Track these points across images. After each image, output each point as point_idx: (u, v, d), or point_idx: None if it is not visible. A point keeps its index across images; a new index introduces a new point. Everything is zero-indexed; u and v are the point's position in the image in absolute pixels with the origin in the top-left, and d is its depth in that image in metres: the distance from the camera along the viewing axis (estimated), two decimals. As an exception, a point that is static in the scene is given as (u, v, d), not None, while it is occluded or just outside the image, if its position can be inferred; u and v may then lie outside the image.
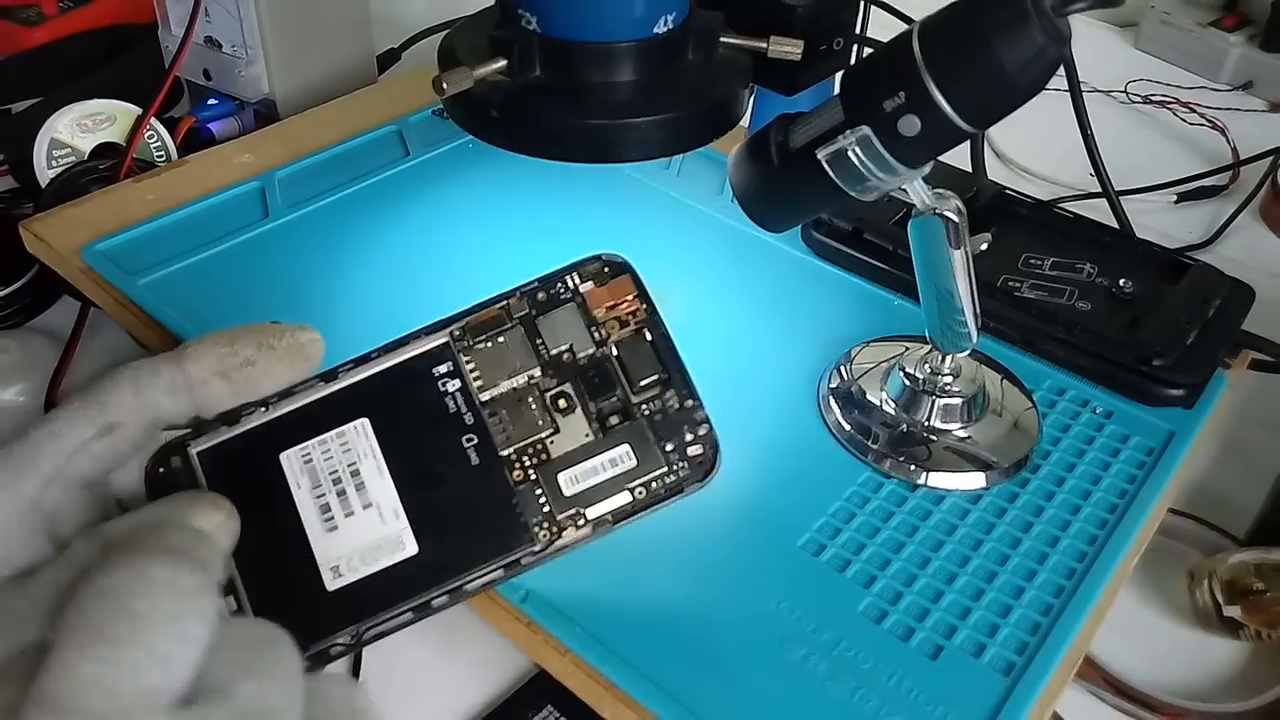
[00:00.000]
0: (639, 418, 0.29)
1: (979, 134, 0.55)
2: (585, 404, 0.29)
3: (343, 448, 0.28)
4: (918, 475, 0.36)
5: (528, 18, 0.35)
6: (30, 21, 0.66)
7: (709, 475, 0.29)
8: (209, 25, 0.57)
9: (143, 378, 0.27)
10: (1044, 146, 0.68)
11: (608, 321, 0.30)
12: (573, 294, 0.31)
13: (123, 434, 0.26)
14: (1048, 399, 0.40)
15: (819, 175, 0.31)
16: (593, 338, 0.30)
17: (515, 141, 0.36)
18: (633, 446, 0.29)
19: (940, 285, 0.35)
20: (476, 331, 0.30)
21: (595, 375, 0.29)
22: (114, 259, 0.45)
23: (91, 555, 0.23)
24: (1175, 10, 0.82)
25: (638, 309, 0.31)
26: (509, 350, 0.30)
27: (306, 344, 0.28)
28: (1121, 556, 0.34)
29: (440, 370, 0.29)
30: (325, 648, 0.25)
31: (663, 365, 0.30)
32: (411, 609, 0.26)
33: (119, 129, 0.54)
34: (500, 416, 0.29)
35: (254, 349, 0.28)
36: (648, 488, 0.29)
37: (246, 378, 0.27)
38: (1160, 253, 0.46)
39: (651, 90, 0.36)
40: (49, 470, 0.25)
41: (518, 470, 0.28)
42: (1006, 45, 0.27)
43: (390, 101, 0.56)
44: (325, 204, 0.49)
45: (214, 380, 0.27)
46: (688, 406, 0.29)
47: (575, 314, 0.30)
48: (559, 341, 0.30)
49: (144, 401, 0.26)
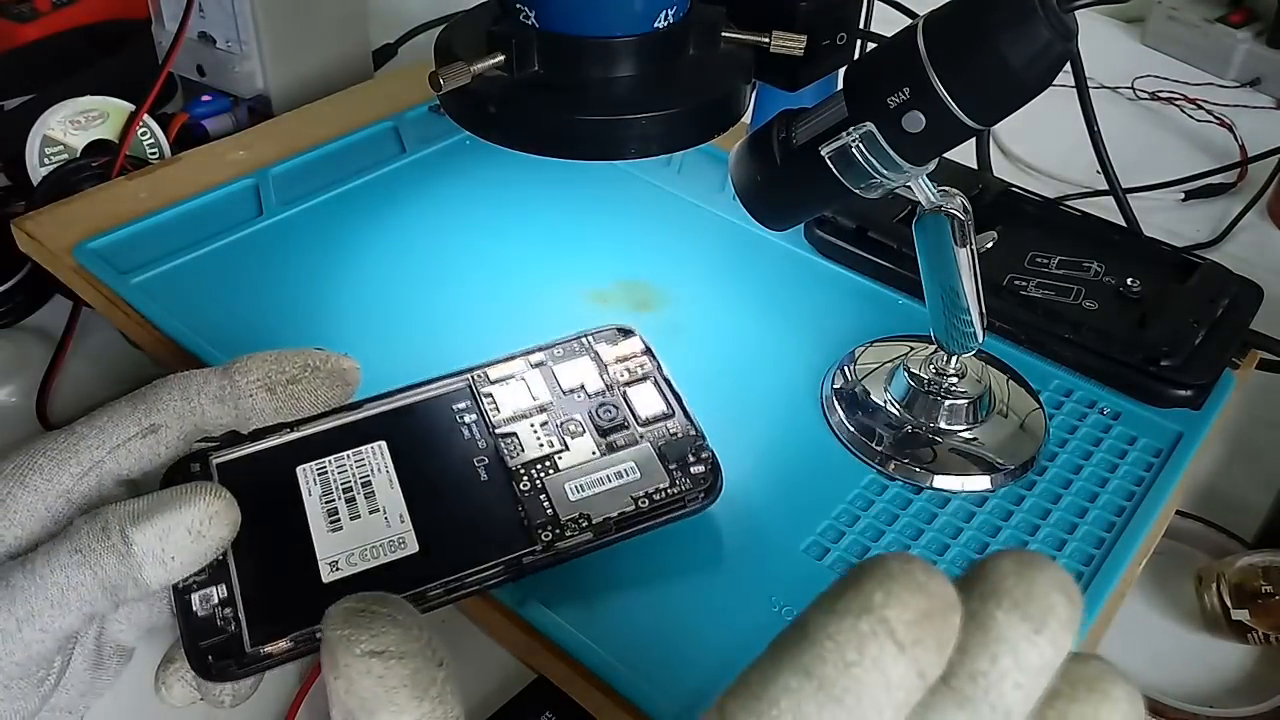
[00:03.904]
0: (644, 441, 0.31)
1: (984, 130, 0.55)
2: (594, 429, 0.32)
3: (358, 463, 0.30)
4: (923, 477, 0.36)
5: (526, 12, 0.35)
6: (22, 18, 0.65)
7: (711, 494, 0.31)
8: (203, 20, 0.56)
9: (193, 384, 0.29)
10: (1050, 143, 0.67)
11: (618, 371, 0.33)
12: (587, 349, 0.34)
13: (164, 436, 0.28)
14: (1054, 400, 0.40)
15: (822, 172, 0.31)
16: (603, 380, 0.33)
17: (513, 138, 0.36)
18: (637, 462, 0.31)
19: (945, 284, 0.34)
20: (497, 376, 0.33)
21: (605, 407, 0.32)
22: (106, 258, 0.44)
23: (92, 533, 0.24)
24: (1182, 6, 0.82)
25: (646, 363, 0.34)
26: (526, 387, 0.33)
27: (348, 370, 0.31)
28: (1129, 559, 0.34)
29: (459, 406, 0.32)
30: (312, 632, 0.26)
31: (668, 405, 0.33)
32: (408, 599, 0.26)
33: (112, 126, 0.53)
34: (513, 439, 0.31)
35: (299, 369, 0.30)
36: (650, 498, 0.30)
37: (290, 394, 0.30)
38: (1168, 251, 0.45)
39: (652, 86, 0.36)
40: (88, 462, 0.26)
41: (525, 481, 0.30)
42: (1012, 41, 0.27)
43: (386, 98, 0.56)
44: (320, 201, 0.48)
45: (260, 393, 0.29)
46: (691, 435, 0.32)
47: (589, 363, 0.34)
48: (572, 382, 0.33)
49: (190, 407, 0.28)
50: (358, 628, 0.21)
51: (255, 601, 0.26)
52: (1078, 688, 0.17)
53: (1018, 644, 0.16)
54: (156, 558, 0.24)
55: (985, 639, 0.16)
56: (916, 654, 0.16)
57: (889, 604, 0.16)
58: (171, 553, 0.24)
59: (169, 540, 0.24)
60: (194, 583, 0.26)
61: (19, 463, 0.26)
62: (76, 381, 0.49)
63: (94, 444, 0.27)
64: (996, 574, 0.17)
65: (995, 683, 0.16)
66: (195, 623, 0.26)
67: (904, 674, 0.16)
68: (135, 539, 0.24)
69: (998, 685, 0.16)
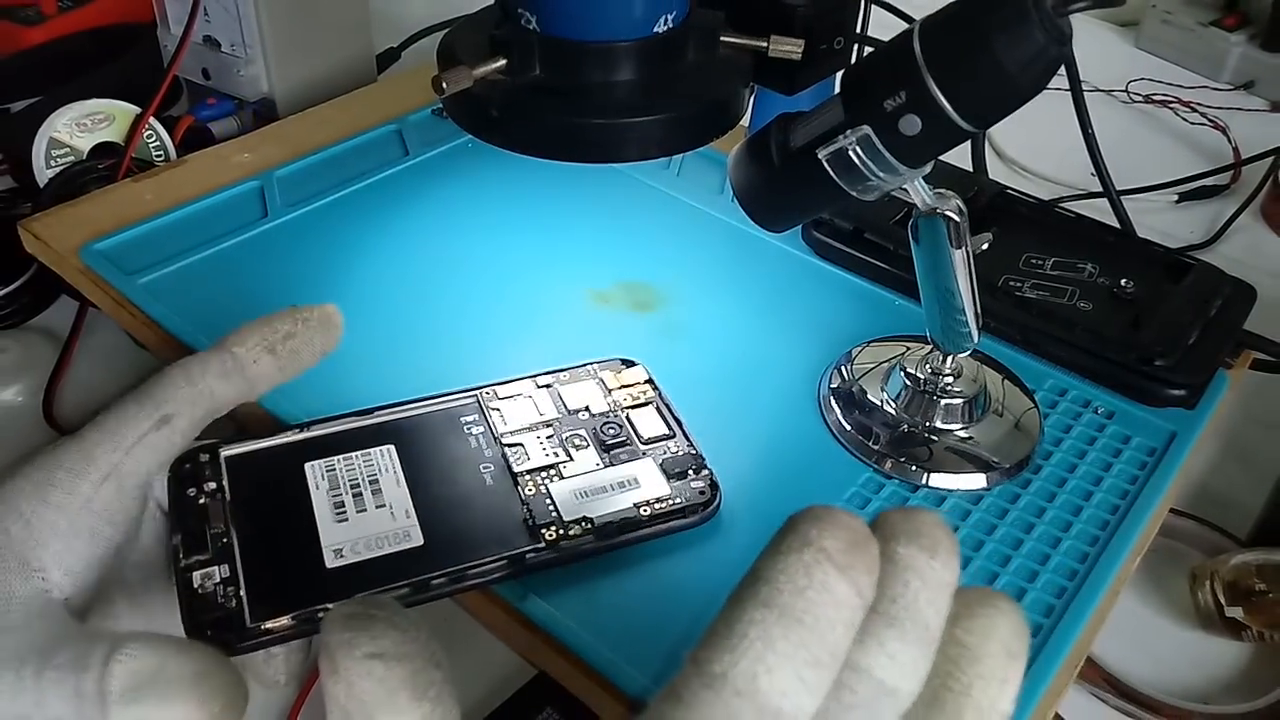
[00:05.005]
0: (646, 457, 0.32)
1: (980, 133, 0.55)
2: (598, 443, 0.33)
3: (366, 463, 0.31)
4: (919, 476, 0.36)
5: (527, 17, 0.35)
6: (29, 21, 0.66)
7: (709, 508, 0.32)
8: (208, 24, 0.57)
9: (194, 369, 0.28)
10: (1045, 146, 0.68)
11: (621, 396, 0.35)
12: (592, 375, 0.36)
13: (178, 425, 0.28)
14: (1049, 399, 0.40)
15: (819, 175, 0.31)
16: (607, 404, 0.34)
17: (515, 141, 0.36)
18: (639, 474, 0.32)
19: (941, 285, 0.34)
20: (505, 394, 0.34)
21: (608, 426, 0.34)
22: (112, 259, 0.44)
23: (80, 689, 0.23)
24: (1176, 10, 0.82)
25: (648, 390, 0.35)
26: (533, 404, 0.34)
27: (333, 314, 0.31)
28: (1123, 557, 0.34)
29: (467, 419, 0.33)
30: (313, 610, 0.27)
31: (669, 428, 0.34)
32: (410, 586, 0.28)
33: (118, 128, 0.54)
34: (519, 448, 0.32)
35: (291, 324, 0.30)
36: (651, 506, 0.31)
37: (290, 350, 0.30)
38: (1162, 252, 0.46)
39: (651, 90, 0.36)
40: (105, 468, 0.26)
41: (530, 485, 0.31)
42: (1008, 44, 0.27)
43: (390, 101, 0.56)
44: (324, 204, 0.49)
45: (263, 357, 0.29)
46: (691, 455, 0.33)
47: (594, 386, 0.35)
48: (577, 403, 0.34)
49: (198, 391, 0.28)
50: (357, 631, 0.21)
51: (257, 581, 0.27)
52: (972, 607, 0.21)
53: (920, 568, 0.20)
54: None
55: (895, 569, 0.20)
56: (853, 576, 0.19)
57: (824, 536, 0.19)
58: None
59: None
60: (196, 562, 0.27)
61: (36, 480, 0.26)
62: (83, 382, 0.49)
63: (109, 448, 0.26)
64: (890, 522, 0.20)
65: (911, 601, 0.19)
66: (196, 599, 0.26)
67: (847, 592, 0.19)
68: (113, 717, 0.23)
69: (914, 602, 0.19)
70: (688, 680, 0.19)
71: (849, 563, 0.19)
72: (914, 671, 0.19)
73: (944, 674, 0.20)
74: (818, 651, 0.18)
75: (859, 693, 0.19)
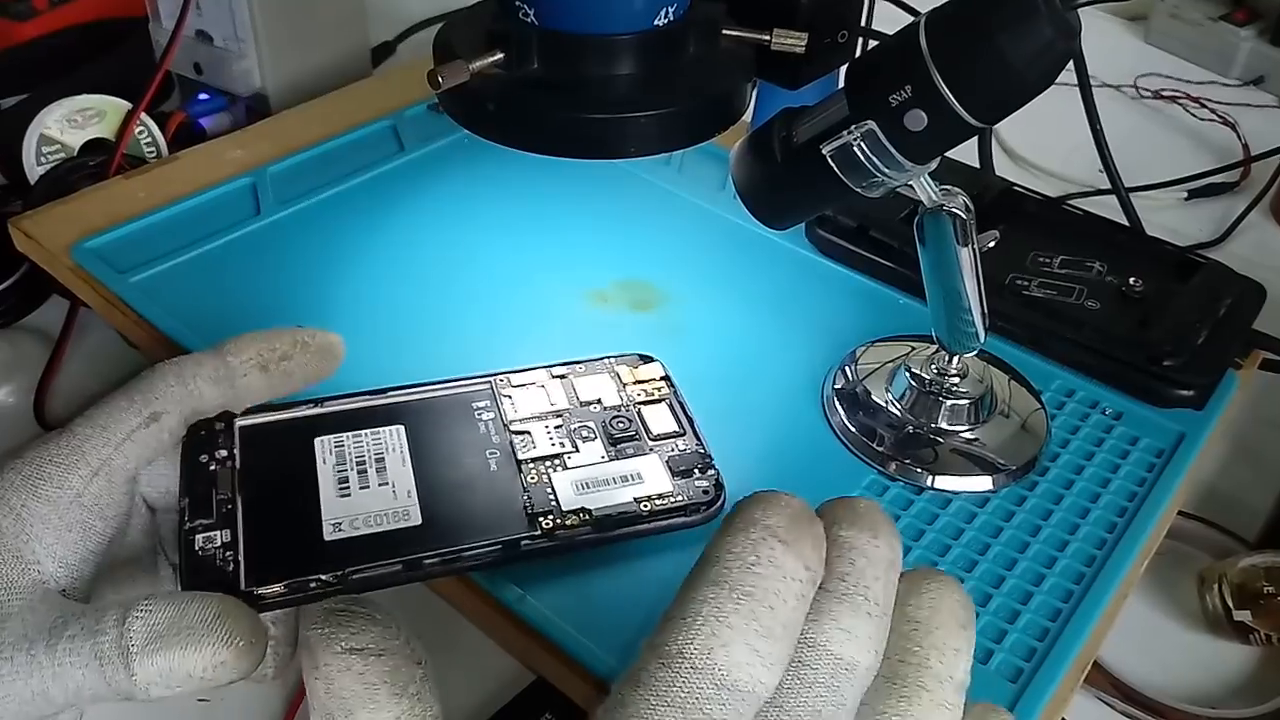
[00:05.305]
0: (653, 453, 0.33)
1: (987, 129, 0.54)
2: (605, 436, 0.33)
3: (374, 441, 0.31)
4: (924, 478, 0.36)
5: (525, 9, 0.35)
6: (20, 16, 0.65)
7: (713, 508, 0.31)
8: (200, 18, 0.56)
9: (187, 368, 0.29)
10: (1053, 142, 0.67)
11: (635, 391, 0.35)
12: (608, 368, 0.36)
13: (166, 423, 0.28)
14: (1056, 400, 0.40)
15: (823, 171, 0.31)
16: (620, 398, 0.34)
17: (512, 137, 0.36)
18: (643, 469, 0.32)
19: (947, 284, 0.34)
20: (518, 382, 0.34)
21: (618, 420, 0.33)
22: (104, 257, 0.44)
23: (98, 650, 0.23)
24: (1185, 4, 0.82)
25: (663, 387, 0.35)
26: (545, 394, 0.34)
27: (335, 344, 0.31)
28: (1131, 560, 0.34)
29: (478, 405, 0.33)
30: (306, 580, 0.27)
31: (680, 425, 0.34)
32: (402, 563, 0.28)
33: (109, 124, 0.53)
34: (526, 436, 0.32)
35: (290, 345, 0.30)
36: (652, 502, 0.31)
37: (283, 371, 0.30)
38: (1170, 251, 0.45)
39: (652, 84, 0.35)
40: (96, 462, 0.26)
41: (532, 474, 0.31)
42: (1015, 39, 0.27)
43: (385, 96, 0.55)
44: (318, 200, 0.48)
45: (254, 372, 0.30)
46: (699, 454, 0.33)
47: (608, 380, 0.35)
48: (590, 395, 0.34)
49: (188, 391, 0.28)
50: (337, 626, 0.21)
51: (256, 547, 0.27)
52: (918, 584, 0.22)
53: (864, 547, 0.21)
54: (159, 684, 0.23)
55: (841, 550, 0.21)
56: (799, 549, 0.20)
57: (768, 515, 0.20)
58: (175, 684, 0.23)
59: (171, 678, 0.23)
60: (200, 525, 0.27)
61: (26, 473, 0.25)
62: (74, 381, 0.49)
63: (99, 443, 0.26)
64: (832, 509, 0.22)
65: (858, 578, 0.21)
66: (195, 560, 0.27)
67: (794, 565, 0.20)
68: (138, 671, 0.23)
69: (861, 579, 0.21)
70: (645, 662, 0.19)
71: (793, 538, 0.20)
72: (869, 645, 0.20)
73: (900, 649, 0.21)
74: (769, 623, 0.19)
75: (818, 669, 0.20)
